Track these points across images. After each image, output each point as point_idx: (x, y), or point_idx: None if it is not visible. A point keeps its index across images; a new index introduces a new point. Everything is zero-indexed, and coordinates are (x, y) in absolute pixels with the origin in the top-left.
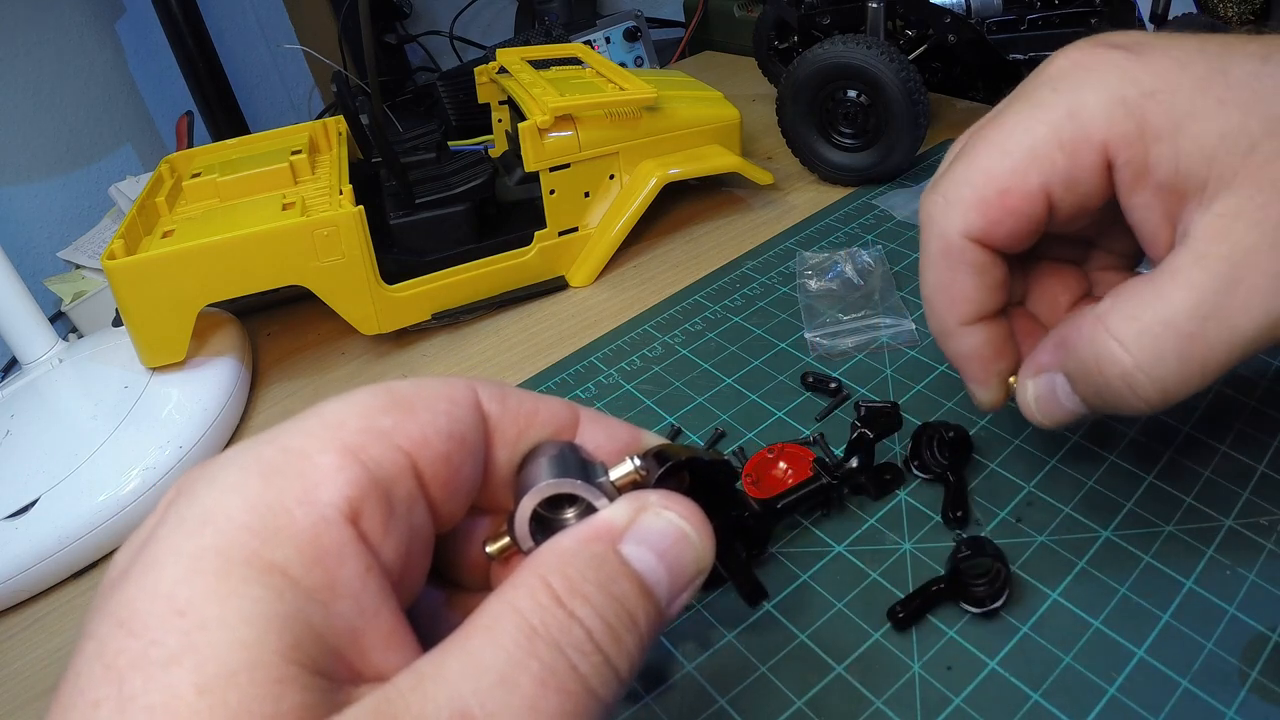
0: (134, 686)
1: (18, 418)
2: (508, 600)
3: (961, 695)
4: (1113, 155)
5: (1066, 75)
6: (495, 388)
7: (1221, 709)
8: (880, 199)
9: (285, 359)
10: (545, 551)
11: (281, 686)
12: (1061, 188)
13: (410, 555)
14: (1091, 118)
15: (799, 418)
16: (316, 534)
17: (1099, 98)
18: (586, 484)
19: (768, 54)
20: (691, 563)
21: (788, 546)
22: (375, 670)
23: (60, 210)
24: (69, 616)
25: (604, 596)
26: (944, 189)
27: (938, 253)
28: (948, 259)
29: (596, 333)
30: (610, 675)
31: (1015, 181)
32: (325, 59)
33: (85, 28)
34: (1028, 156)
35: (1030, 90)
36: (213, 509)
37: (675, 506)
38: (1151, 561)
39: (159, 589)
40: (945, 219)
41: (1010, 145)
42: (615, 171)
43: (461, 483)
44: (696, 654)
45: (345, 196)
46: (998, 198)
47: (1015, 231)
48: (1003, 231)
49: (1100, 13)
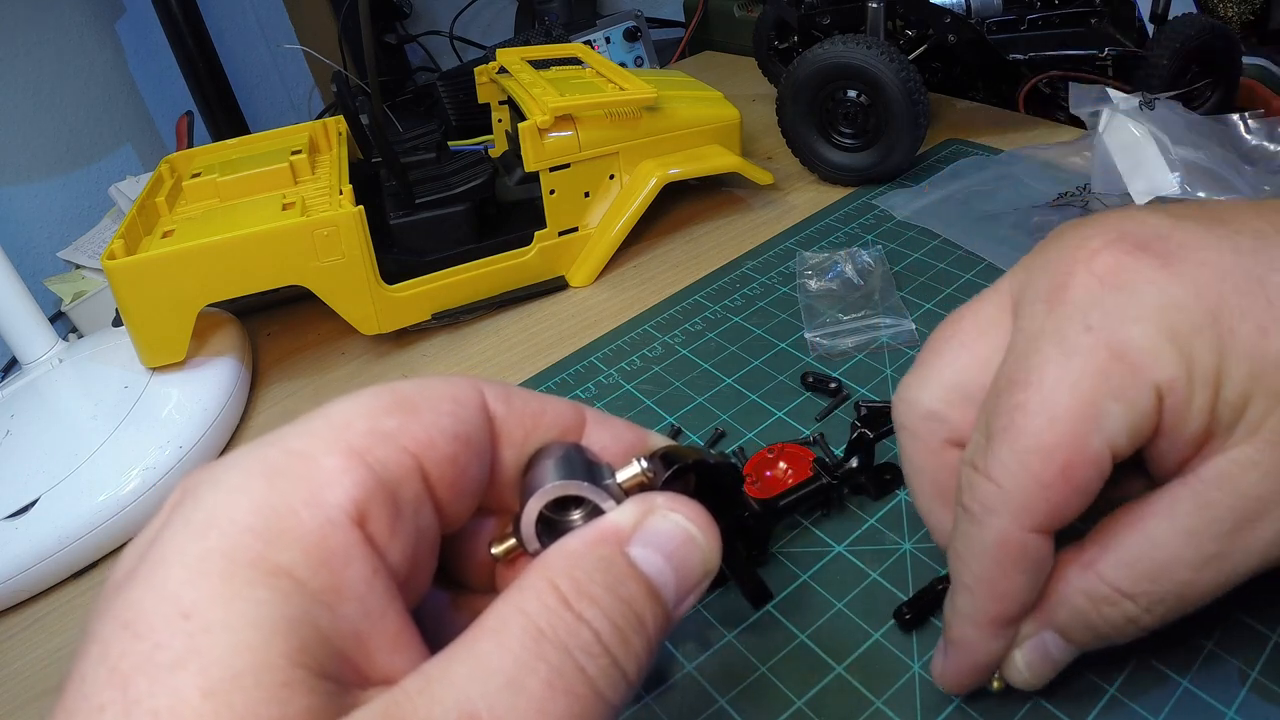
0: (139, 690)
1: (18, 418)
2: (515, 603)
3: (961, 695)
4: (1164, 396)
5: (1098, 304)
6: (501, 388)
7: (1221, 709)
8: (880, 199)
9: (285, 359)
10: (553, 554)
11: (288, 690)
12: (1124, 440)
13: (416, 557)
14: (1141, 358)
15: (799, 418)
16: (323, 536)
17: (1144, 332)
18: (593, 486)
19: (768, 54)
20: (698, 565)
21: (788, 546)
22: (382, 673)
23: (60, 210)
24: (69, 616)
25: (612, 599)
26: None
27: (994, 547)
28: (1005, 557)
29: (596, 333)
30: (618, 677)
31: (1076, 453)
32: (325, 59)
33: (85, 28)
34: (1082, 419)
35: (1055, 329)
36: (218, 511)
37: (682, 509)
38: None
39: (164, 592)
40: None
41: (1059, 409)
42: (615, 171)
43: (467, 484)
44: (696, 654)
45: (345, 196)
46: (1062, 477)
47: (1082, 504)
48: (1070, 511)
49: (1100, 13)
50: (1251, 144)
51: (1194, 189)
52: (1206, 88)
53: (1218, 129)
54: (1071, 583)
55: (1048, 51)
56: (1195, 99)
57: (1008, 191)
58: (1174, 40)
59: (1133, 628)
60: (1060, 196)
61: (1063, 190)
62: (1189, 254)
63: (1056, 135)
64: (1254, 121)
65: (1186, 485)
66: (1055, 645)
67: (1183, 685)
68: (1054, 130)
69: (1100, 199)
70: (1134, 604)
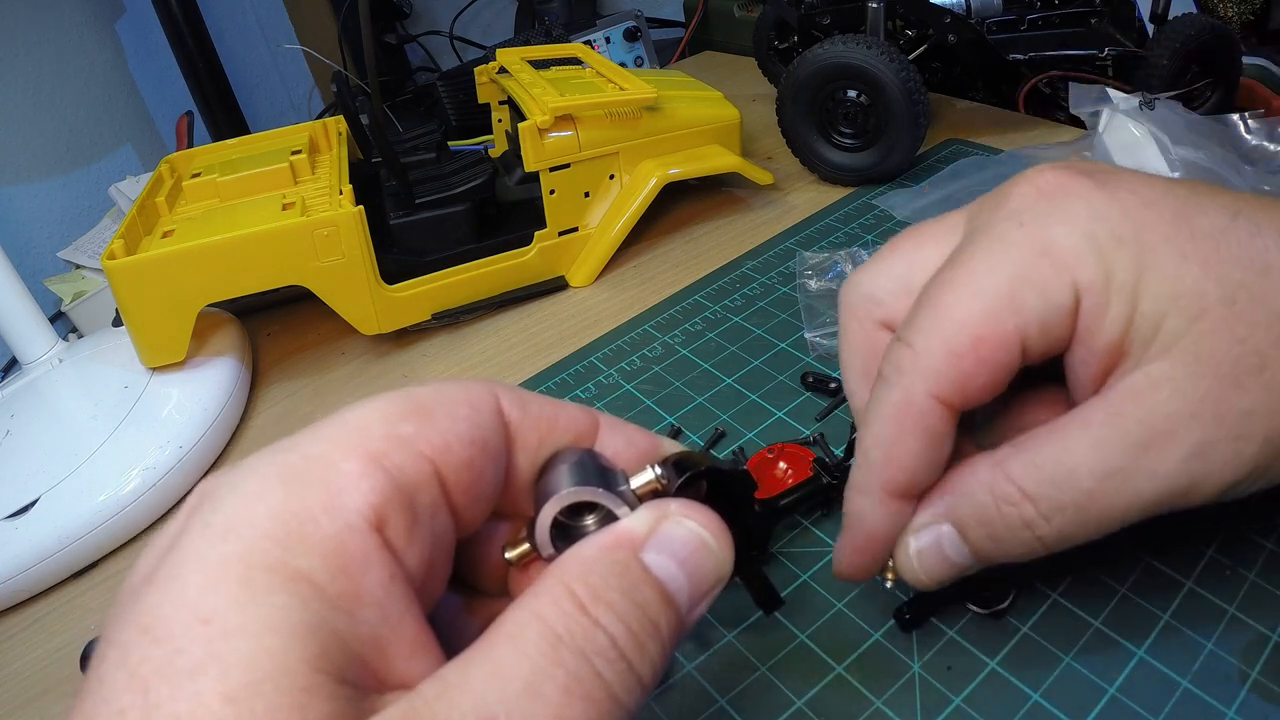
0: (159, 695)
1: (18, 418)
2: (532, 608)
3: (961, 695)
4: (1080, 297)
5: (1031, 207)
6: (516, 393)
7: (1221, 709)
8: (880, 199)
9: (285, 359)
10: (568, 559)
11: (308, 695)
12: (1036, 331)
13: (433, 562)
14: (1063, 255)
15: (799, 418)
16: (341, 542)
17: (1069, 233)
18: (608, 492)
19: (768, 54)
20: (711, 571)
21: (788, 546)
22: (400, 678)
23: (60, 210)
24: (69, 616)
25: (627, 604)
26: (910, 336)
27: (897, 407)
28: (905, 420)
29: (596, 333)
30: (634, 682)
31: (989, 328)
32: (325, 59)
33: (85, 28)
34: (1000, 299)
35: (992, 224)
36: (236, 516)
37: (695, 515)
38: (1151, 561)
39: (184, 597)
40: (912, 373)
41: (979, 287)
42: (615, 171)
43: (483, 489)
44: (696, 654)
45: (345, 196)
46: (971, 348)
47: (987, 385)
48: (975, 386)
49: (1100, 13)
50: (1251, 144)
51: None
52: (1206, 88)
53: (1218, 129)
54: (979, 475)
55: (1048, 51)
56: (1195, 99)
57: None
58: (1174, 40)
59: (1029, 535)
60: None
61: None
62: (1124, 184)
63: (1056, 135)
64: (1254, 121)
65: (1101, 398)
66: (950, 542)
67: (1183, 685)
68: (1054, 130)
69: None
70: (1034, 507)
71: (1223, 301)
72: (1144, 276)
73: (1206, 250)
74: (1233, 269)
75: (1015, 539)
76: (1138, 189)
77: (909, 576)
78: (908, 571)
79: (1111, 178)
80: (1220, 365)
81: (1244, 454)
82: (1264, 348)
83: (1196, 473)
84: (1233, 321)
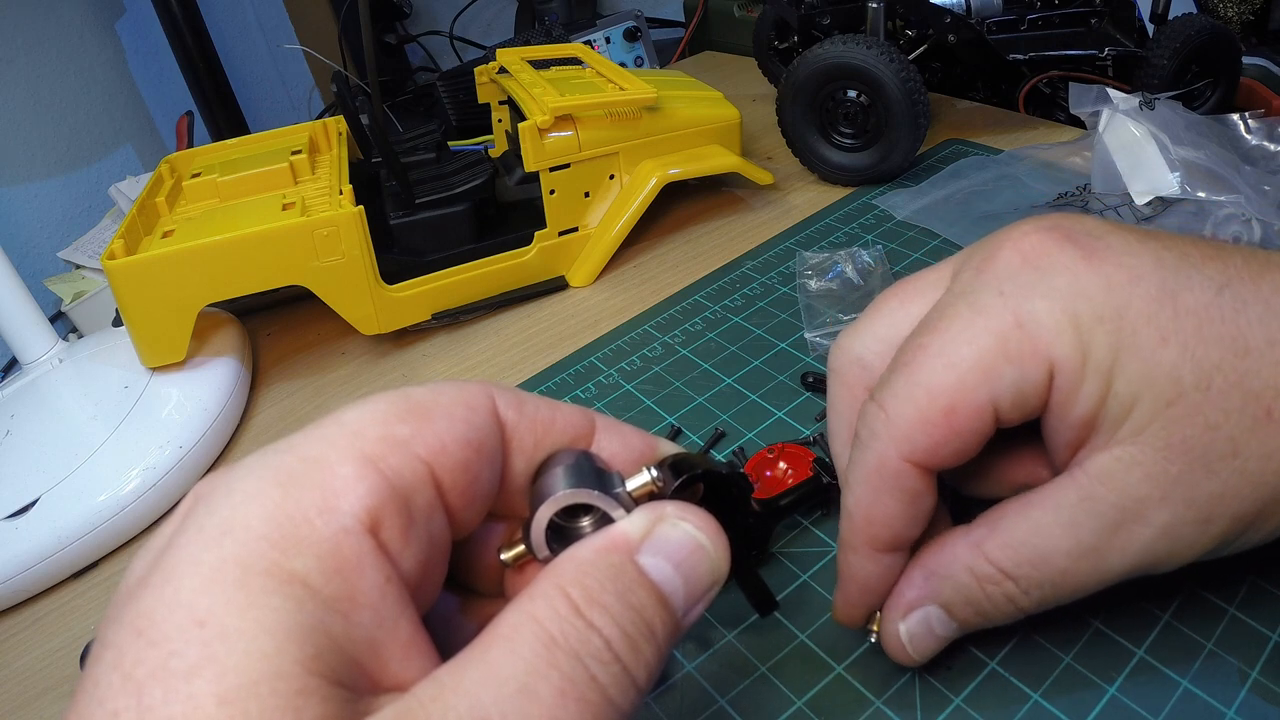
0: (154, 697)
1: (18, 418)
2: (526, 610)
3: (961, 695)
4: (1055, 373)
5: (1014, 276)
6: (513, 394)
7: (1221, 709)
8: (880, 199)
9: (285, 359)
10: (563, 561)
11: (302, 698)
12: (1009, 402)
13: (428, 564)
14: (1041, 331)
15: (799, 418)
16: (337, 544)
17: (1049, 309)
18: (603, 494)
19: (768, 54)
20: (707, 573)
21: (788, 546)
22: (395, 680)
23: (60, 210)
24: (69, 616)
25: (622, 606)
26: (884, 399)
27: (872, 470)
28: (881, 482)
29: (596, 333)
30: (629, 684)
31: (962, 398)
32: (325, 59)
33: (85, 28)
34: (975, 370)
35: (974, 290)
36: (232, 518)
37: (691, 518)
38: None
39: (178, 599)
40: (885, 437)
41: (955, 357)
42: (615, 171)
43: (479, 491)
44: (696, 654)
45: (345, 196)
46: (943, 417)
47: (960, 452)
48: (947, 452)
49: (1100, 13)
50: (1251, 144)
51: (1194, 189)
52: (1206, 88)
53: (1218, 129)
54: (960, 558)
55: (1048, 52)
56: (1195, 99)
57: (1008, 192)
58: (1174, 40)
59: (1012, 607)
60: (1060, 197)
61: (1063, 190)
62: (1112, 255)
63: (1056, 135)
64: (1254, 121)
65: (1072, 479)
66: (938, 621)
67: (1183, 685)
68: (1054, 130)
69: (1100, 199)
70: (1015, 585)
71: (1197, 387)
72: (1120, 357)
73: (1188, 330)
74: (1212, 349)
75: (999, 611)
76: (1124, 261)
77: (900, 659)
78: (900, 655)
79: (1100, 246)
80: (1191, 451)
81: (1210, 533)
82: (1237, 434)
83: (1162, 551)
84: (1206, 408)
